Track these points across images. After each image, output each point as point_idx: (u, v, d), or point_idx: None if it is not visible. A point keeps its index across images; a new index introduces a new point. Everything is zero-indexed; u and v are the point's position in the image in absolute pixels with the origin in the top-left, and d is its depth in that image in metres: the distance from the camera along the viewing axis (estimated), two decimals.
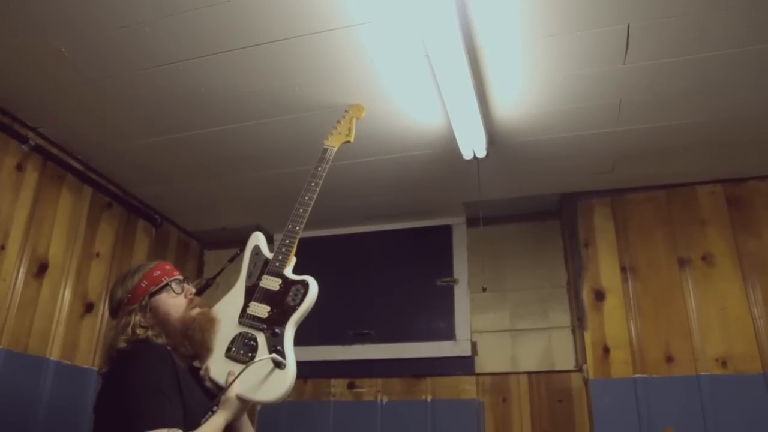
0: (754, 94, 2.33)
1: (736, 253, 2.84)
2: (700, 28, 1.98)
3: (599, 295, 2.94)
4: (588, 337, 2.88)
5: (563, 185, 3.13)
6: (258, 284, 1.87)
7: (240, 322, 1.80)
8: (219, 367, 1.72)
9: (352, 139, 2.25)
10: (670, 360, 2.75)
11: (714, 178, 2.98)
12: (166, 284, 1.76)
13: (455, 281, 3.36)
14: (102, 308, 2.91)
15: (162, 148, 2.76)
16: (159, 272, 1.77)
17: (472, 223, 3.40)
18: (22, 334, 2.46)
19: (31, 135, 2.57)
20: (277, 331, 1.77)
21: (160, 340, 1.68)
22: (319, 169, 2.11)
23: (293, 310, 1.81)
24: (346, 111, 2.32)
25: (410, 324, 3.33)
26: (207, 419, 1.59)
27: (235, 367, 1.70)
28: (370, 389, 3.24)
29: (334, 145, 2.20)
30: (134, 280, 1.75)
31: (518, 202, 3.28)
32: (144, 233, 3.32)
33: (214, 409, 1.63)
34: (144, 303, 1.71)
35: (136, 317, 1.68)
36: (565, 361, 3.07)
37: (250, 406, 1.74)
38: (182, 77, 2.26)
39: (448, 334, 3.26)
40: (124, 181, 3.11)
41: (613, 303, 2.91)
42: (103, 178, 3.01)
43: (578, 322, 2.97)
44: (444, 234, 3.48)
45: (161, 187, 3.16)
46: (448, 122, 2.48)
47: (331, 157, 2.16)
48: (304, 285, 1.85)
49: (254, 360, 1.70)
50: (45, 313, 2.59)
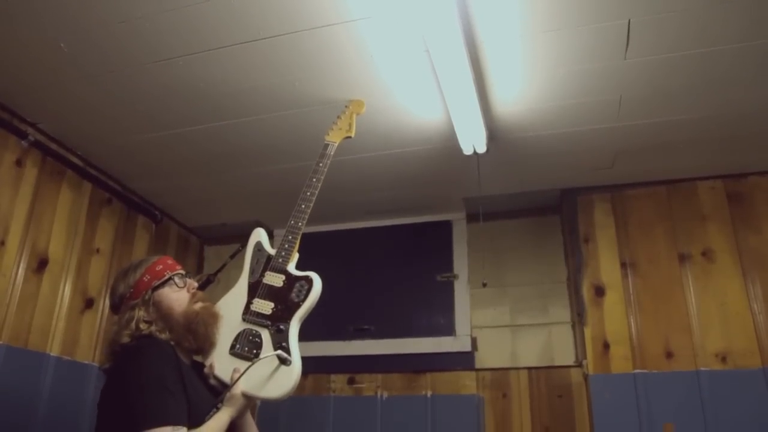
0: (755, 90, 2.33)
1: (737, 248, 2.84)
2: (701, 23, 1.98)
3: (599, 291, 2.94)
4: (588, 332, 2.88)
5: (563, 181, 3.13)
6: (261, 281, 1.87)
7: (244, 319, 1.80)
8: (223, 365, 1.72)
9: (352, 135, 2.25)
10: (669, 355, 2.75)
11: (714, 174, 2.98)
12: (169, 278, 1.75)
13: (455, 277, 3.36)
14: (102, 304, 2.91)
15: (162, 144, 2.76)
16: (161, 266, 1.77)
17: (472, 218, 3.40)
18: (23, 330, 2.46)
19: (30, 131, 2.57)
20: (282, 327, 1.76)
21: (164, 336, 1.67)
22: (321, 165, 2.10)
23: (297, 306, 1.81)
24: (347, 106, 2.32)
25: (410, 319, 3.33)
26: (211, 416, 1.59)
27: (240, 364, 1.69)
28: (370, 385, 3.24)
29: (334, 140, 2.20)
30: (136, 274, 1.74)
31: (518, 198, 3.28)
32: (144, 229, 3.32)
33: (219, 406, 1.63)
34: (147, 297, 1.70)
35: (140, 312, 1.67)
36: (565, 356, 3.07)
37: (254, 404, 1.74)
38: (182, 72, 2.25)
39: (448, 330, 3.26)
40: (123, 176, 3.11)
41: (613, 298, 2.92)
42: (103, 174, 3.01)
43: (578, 318, 2.97)
44: (444, 229, 3.48)
45: (161, 182, 3.16)
46: (448, 118, 2.48)
47: (332, 153, 2.16)
48: (308, 281, 1.85)
49: (260, 357, 1.70)
50: (45, 309, 2.59)
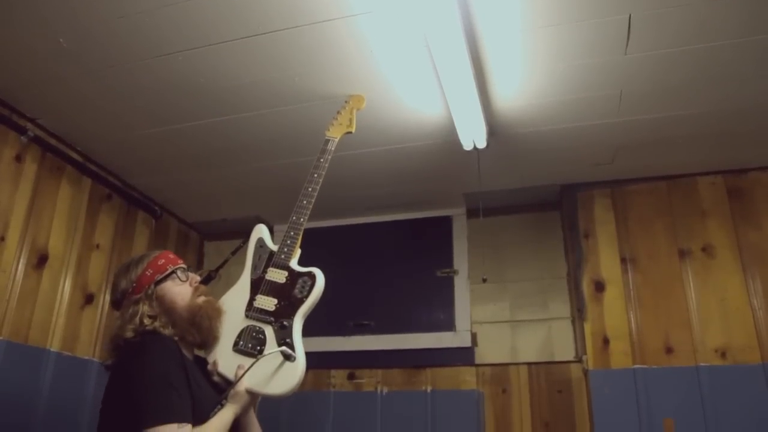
0: (755, 85, 2.33)
1: (737, 244, 2.84)
2: (701, 18, 1.97)
3: (599, 286, 2.94)
4: (588, 328, 2.88)
5: (563, 176, 3.13)
6: (264, 277, 1.86)
7: (247, 316, 1.80)
8: (227, 361, 1.72)
9: (353, 130, 2.24)
10: (669, 351, 2.76)
11: (715, 169, 2.97)
12: (172, 272, 1.75)
13: (455, 272, 3.36)
14: (102, 300, 2.91)
15: (162, 139, 2.75)
16: (163, 261, 1.76)
17: (472, 214, 3.40)
18: (23, 326, 2.46)
19: (29, 126, 2.56)
20: (286, 323, 1.76)
21: (167, 331, 1.66)
22: (322, 161, 2.10)
23: (301, 302, 1.81)
24: (347, 102, 2.31)
25: (410, 315, 3.33)
26: (216, 413, 1.59)
27: (244, 361, 1.69)
28: (370, 380, 3.25)
29: (335, 136, 2.19)
30: (138, 269, 1.73)
31: (518, 193, 3.27)
32: (144, 225, 3.32)
33: (223, 402, 1.63)
34: (150, 292, 1.70)
35: (144, 307, 1.67)
36: (565, 352, 3.07)
37: (258, 400, 1.73)
38: (182, 67, 2.25)
39: (448, 325, 3.26)
40: (123, 172, 3.10)
41: (613, 294, 2.92)
42: (103, 170, 3.00)
43: (578, 313, 2.98)
44: (444, 225, 3.48)
45: (161, 178, 3.15)
46: (448, 113, 2.47)
47: (333, 148, 2.15)
48: (311, 277, 1.85)
49: (264, 353, 1.70)
50: (45, 305, 2.59)
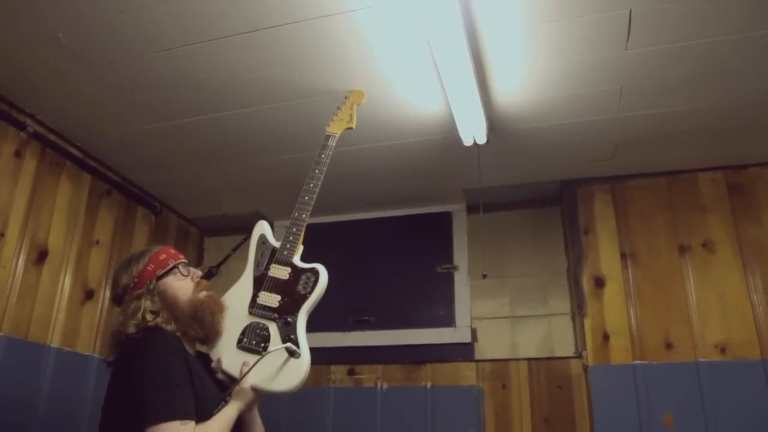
0: (755, 80, 2.32)
1: (737, 240, 2.84)
2: (701, 14, 1.96)
3: (599, 282, 2.94)
4: (588, 323, 2.89)
5: (564, 172, 3.12)
6: (266, 273, 1.86)
7: (250, 313, 1.79)
8: (231, 359, 1.72)
9: (353, 126, 2.24)
10: (669, 347, 2.76)
11: (715, 165, 2.97)
12: (173, 267, 1.74)
13: (455, 268, 3.36)
14: (102, 295, 2.91)
15: (161, 135, 2.75)
16: (164, 255, 1.76)
17: (472, 209, 3.40)
18: (23, 322, 2.46)
19: (29, 122, 2.56)
20: (290, 320, 1.76)
21: (170, 327, 1.66)
22: (323, 156, 2.09)
23: (305, 298, 1.80)
24: (347, 97, 2.30)
25: (410, 311, 3.33)
26: (219, 410, 1.58)
27: (249, 358, 1.69)
28: (370, 376, 3.25)
29: (336, 131, 2.19)
30: (139, 264, 1.72)
31: (518, 189, 3.27)
32: (144, 220, 3.32)
33: (227, 399, 1.62)
34: (151, 287, 1.69)
35: (146, 302, 1.66)
36: (565, 347, 3.07)
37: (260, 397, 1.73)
38: (181, 63, 2.24)
39: (448, 321, 3.26)
40: (123, 168, 3.10)
41: (612, 290, 2.92)
42: (102, 165, 3.00)
43: (578, 309, 2.98)
44: (444, 221, 3.48)
45: (161, 173, 3.15)
46: (448, 108, 2.47)
47: (334, 144, 2.15)
48: (315, 273, 1.85)
49: (269, 350, 1.69)
50: (45, 301, 2.59)
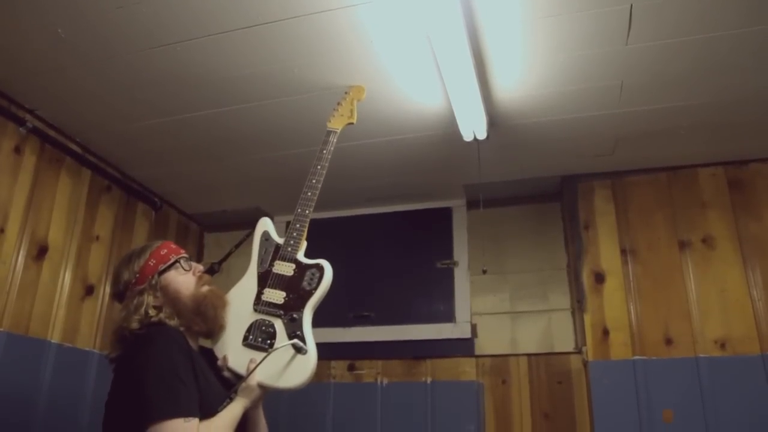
0: (755, 75, 2.31)
1: (737, 235, 2.84)
2: (701, 8, 1.96)
3: (599, 278, 2.94)
4: (588, 319, 2.89)
5: (564, 167, 3.12)
6: (271, 270, 1.86)
7: (255, 310, 1.79)
8: (238, 356, 1.71)
9: (354, 121, 2.23)
10: (669, 342, 2.76)
11: (715, 161, 2.97)
12: (175, 261, 1.74)
13: (455, 263, 3.36)
14: (102, 291, 2.91)
15: (161, 131, 2.74)
16: (166, 250, 1.75)
17: (472, 205, 3.40)
18: (23, 317, 2.46)
19: (28, 117, 2.55)
20: (295, 316, 1.76)
21: (173, 322, 1.65)
22: (324, 152, 2.09)
23: (310, 294, 1.80)
24: (347, 93, 2.30)
25: (410, 306, 3.34)
26: (224, 407, 1.58)
27: (255, 355, 1.69)
28: (370, 371, 3.25)
29: (337, 127, 2.18)
30: (141, 260, 1.72)
31: (518, 185, 3.27)
32: (144, 216, 3.32)
33: (232, 396, 1.62)
34: (153, 282, 1.68)
35: (148, 297, 1.66)
36: (565, 343, 3.07)
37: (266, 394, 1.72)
38: (181, 58, 2.23)
39: (448, 317, 3.27)
40: (123, 163, 3.09)
41: (612, 285, 2.92)
42: (102, 161, 3.00)
43: (578, 305, 2.98)
44: (444, 216, 3.48)
45: (161, 169, 3.15)
46: (448, 104, 2.46)
47: (335, 140, 2.15)
48: (319, 268, 1.85)
49: (276, 347, 1.69)
50: (45, 296, 2.59)
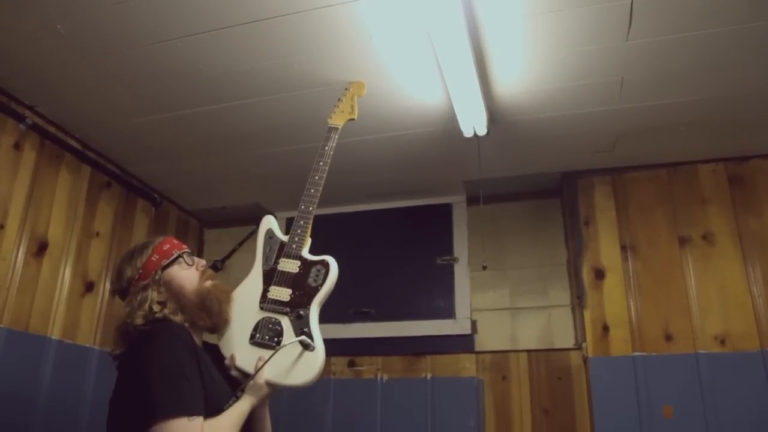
0: (756, 72, 2.31)
1: (737, 232, 2.84)
2: (702, 4, 1.95)
3: (599, 274, 2.94)
4: (587, 315, 2.89)
5: (564, 163, 3.12)
6: (276, 268, 1.85)
7: (261, 308, 1.78)
8: (245, 355, 1.70)
9: (355, 117, 2.23)
10: (669, 338, 2.76)
11: (715, 157, 2.96)
12: (178, 256, 1.73)
13: (455, 260, 3.36)
14: (102, 287, 2.91)
15: (161, 126, 2.74)
16: (168, 246, 1.74)
17: (472, 201, 3.40)
18: (23, 314, 2.46)
19: (28, 113, 2.55)
20: (302, 313, 1.76)
21: (177, 318, 1.64)
22: (326, 148, 2.09)
23: (316, 291, 1.80)
24: (347, 89, 2.29)
25: (410, 302, 3.34)
26: (230, 405, 1.57)
27: (263, 353, 1.68)
28: (370, 367, 3.26)
29: (338, 123, 2.18)
30: (143, 256, 1.71)
31: (519, 181, 3.27)
32: (143, 212, 3.31)
33: (239, 394, 1.61)
34: (157, 277, 1.67)
35: (152, 293, 1.64)
36: (565, 339, 3.08)
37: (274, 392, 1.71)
38: (181, 54, 2.23)
39: (448, 313, 3.27)
40: (123, 160, 3.09)
41: (612, 281, 2.92)
42: (102, 157, 2.99)
43: (578, 301, 2.98)
44: (444, 212, 3.48)
45: (160, 165, 3.14)
46: (448, 100, 2.46)
47: (337, 136, 2.14)
48: (325, 265, 1.85)
49: (284, 344, 1.69)
50: (45, 293, 2.59)
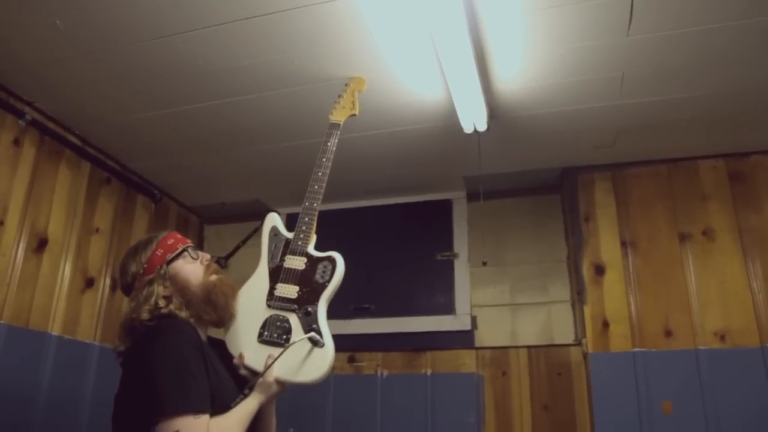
0: (757, 68, 2.31)
1: (737, 228, 2.84)
2: None
3: (599, 270, 2.94)
4: (587, 311, 2.89)
5: (564, 159, 3.11)
6: (282, 265, 1.84)
7: (269, 305, 1.78)
8: (254, 354, 1.70)
9: (357, 113, 2.22)
10: (669, 334, 2.76)
11: (716, 153, 2.96)
12: (183, 250, 1.73)
13: (455, 255, 3.36)
14: (102, 283, 2.91)
15: (161, 123, 2.74)
16: (173, 240, 1.74)
17: (472, 197, 3.40)
18: (23, 310, 2.47)
19: (27, 109, 2.55)
20: (310, 309, 1.75)
21: (183, 313, 1.63)
22: (329, 144, 2.08)
23: (323, 287, 1.79)
24: (347, 84, 2.29)
25: (410, 298, 3.34)
26: (238, 403, 1.56)
27: (272, 351, 1.67)
28: (371, 363, 3.26)
29: (340, 119, 2.17)
30: (148, 251, 1.70)
31: (519, 176, 3.26)
32: (143, 208, 3.31)
33: (246, 392, 1.60)
34: (162, 271, 1.67)
35: (158, 287, 1.64)
36: (565, 335, 3.08)
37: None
38: (181, 49, 2.22)
39: (448, 309, 3.27)
40: (122, 155, 3.09)
41: (612, 277, 2.92)
42: (102, 153, 2.99)
43: (578, 297, 2.98)
44: (444, 208, 3.48)
45: (160, 161, 3.14)
46: (448, 95, 2.45)
47: (339, 132, 2.14)
48: (331, 261, 1.84)
49: (293, 341, 1.68)
50: (45, 289, 2.59)
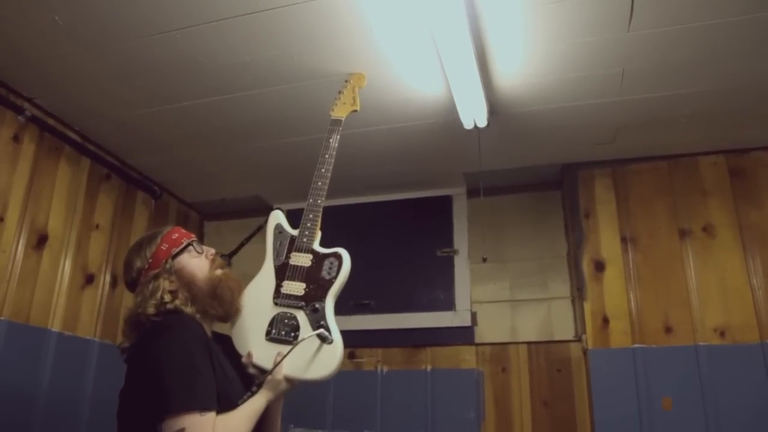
0: (757, 63, 2.30)
1: (737, 224, 2.84)
2: None
3: (599, 266, 2.94)
4: (587, 307, 2.89)
5: (564, 155, 3.11)
6: (288, 263, 1.84)
7: (276, 303, 1.78)
8: (262, 352, 1.69)
9: (358, 108, 2.21)
10: (669, 330, 2.76)
11: (716, 149, 2.95)
12: (188, 244, 1.72)
13: (455, 252, 3.36)
14: (103, 280, 2.91)
15: (161, 119, 2.73)
16: (177, 234, 1.74)
17: (472, 193, 3.39)
18: (23, 306, 2.47)
19: (27, 106, 2.54)
20: (317, 306, 1.75)
21: (189, 309, 1.62)
22: (331, 141, 2.08)
23: (330, 283, 1.80)
24: (347, 80, 2.29)
25: (410, 294, 3.34)
26: (245, 400, 1.55)
27: (281, 349, 1.66)
28: (371, 359, 3.26)
29: (341, 115, 2.17)
30: (152, 246, 1.70)
31: (519, 173, 3.26)
32: (143, 205, 3.31)
33: (254, 389, 1.59)
34: (168, 266, 1.66)
35: (164, 282, 1.63)
36: (565, 331, 3.08)
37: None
38: (181, 45, 2.22)
39: (448, 305, 3.27)
40: (122, 152, 3.08)
41: (612, 273, 2.92)
42: (101, 150, 2.99)
43: (578, 293, 2.98)
44: (444, 204, 3.48)
45: (160, 157, 3.14)
46: (449, 91, 2.45)
47: (341, 128, 2.13)
48: (337, 257, 1.84)
49: (302, 338, 1.68)
50: (46, 285, 2.59)
